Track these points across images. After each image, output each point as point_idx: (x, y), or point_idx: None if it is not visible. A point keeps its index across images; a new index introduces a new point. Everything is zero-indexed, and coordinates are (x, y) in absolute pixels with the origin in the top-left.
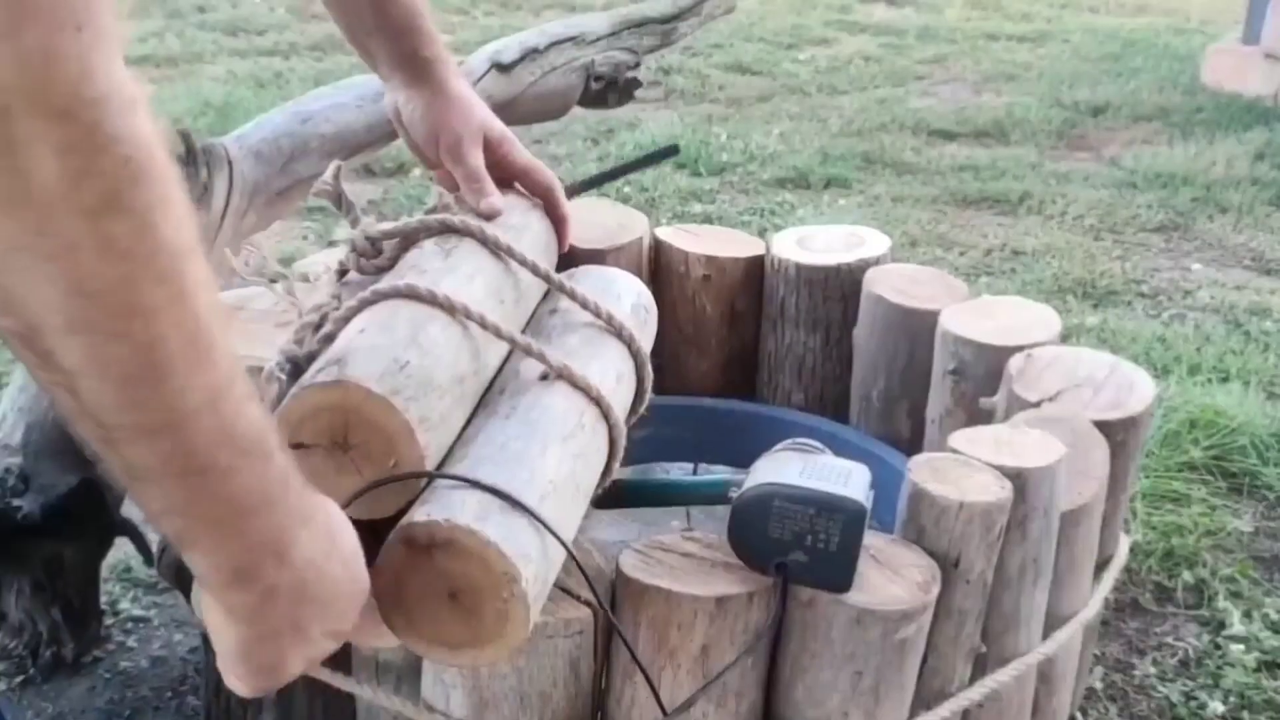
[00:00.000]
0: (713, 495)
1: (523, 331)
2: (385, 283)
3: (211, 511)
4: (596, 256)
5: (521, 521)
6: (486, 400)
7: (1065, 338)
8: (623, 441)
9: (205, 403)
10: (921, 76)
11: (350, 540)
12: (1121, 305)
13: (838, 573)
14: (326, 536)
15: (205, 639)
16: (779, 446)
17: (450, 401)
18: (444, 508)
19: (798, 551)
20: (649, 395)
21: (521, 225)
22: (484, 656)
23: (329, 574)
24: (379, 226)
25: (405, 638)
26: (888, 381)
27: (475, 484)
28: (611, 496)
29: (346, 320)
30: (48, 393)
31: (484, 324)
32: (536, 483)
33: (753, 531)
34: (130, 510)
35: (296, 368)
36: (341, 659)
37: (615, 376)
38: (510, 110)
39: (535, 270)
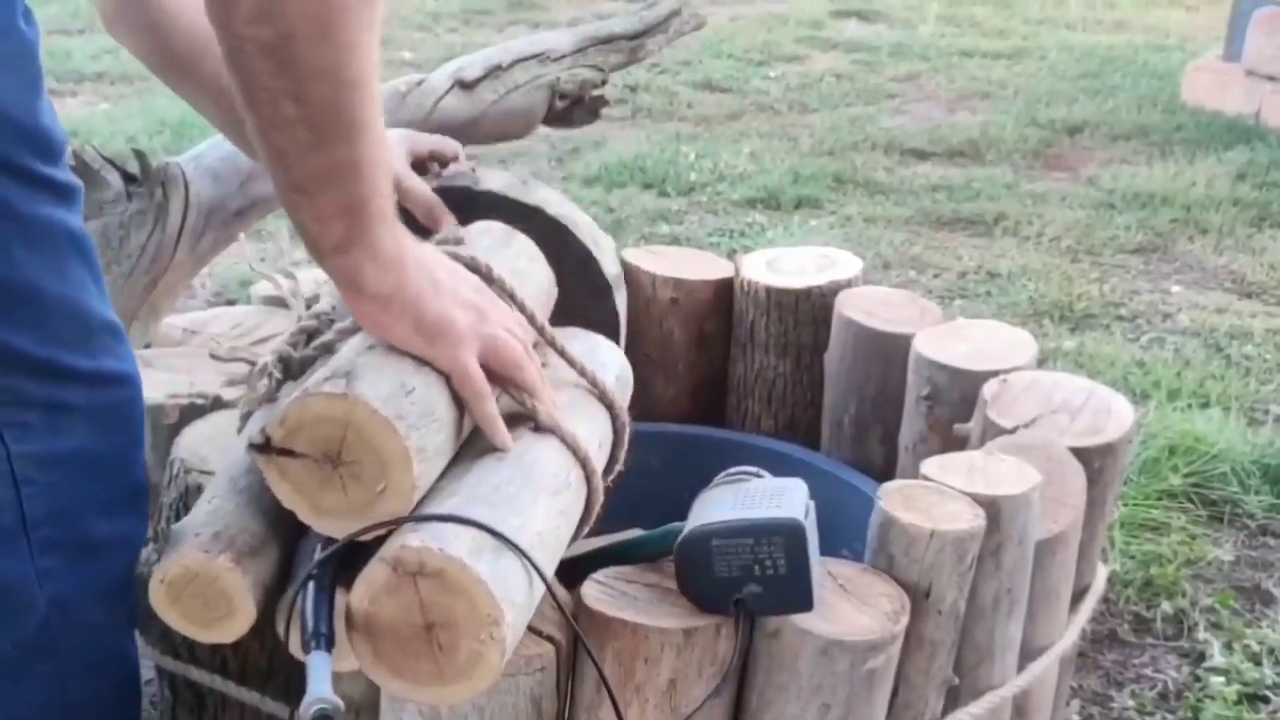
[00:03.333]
0: (668, 546)
1: None
2: None
3: (375, 205)
4: None
5: (512, 565)
6: (473, 439)
7: (1041, 362)
8: (598, 507)
9: (378, 114)
10: (894, 94)
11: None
12: (1099, 329)
13: (796, 594)
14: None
15: (160, 671)
16: (714, 482)
17: (445, 436)
18: (438, 537)
19: (751, 584)
20: (618, 467)
21: (527, 272)
22: (448, 695)
23: (421, 249)
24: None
25: (368, 665)
26: (860, 407)
27: (473, 522)
28: (568, 571)
29: (351, 332)
30: (264, 105)
31: None
32: (527, 531)
33: (700, 576)
34: None
35: (288, 369)
36: (299, 692)
37: (598, 442)
38: (474, 129)
39: (532, 321)
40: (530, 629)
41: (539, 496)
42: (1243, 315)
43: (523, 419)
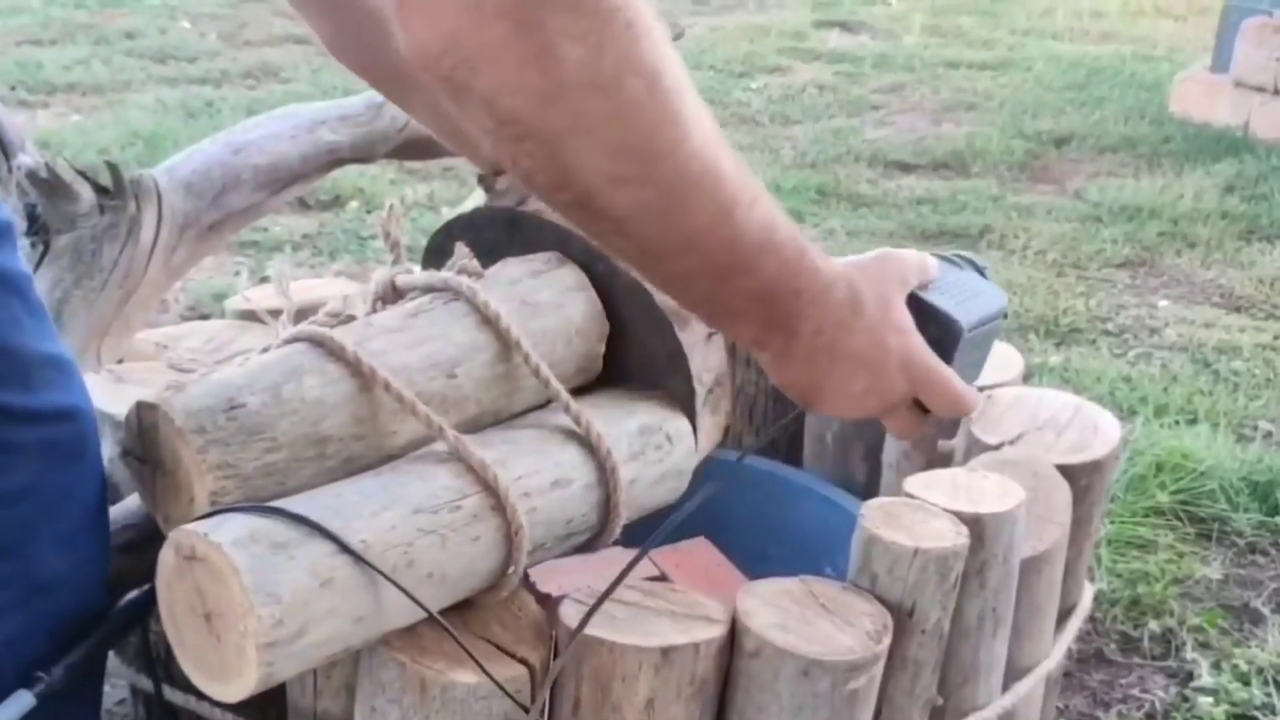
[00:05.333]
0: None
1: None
2: (307, 324)
3: (738, 299)
4: None
5: (291, 562)
6: (381, 469)
7: (1027, 378)
8: (525, 544)
9: (721, 217)
10: (878, 106)
11: (872, 307)
12: (1086, 344)
13: None
14: (848, 306)
15: (133, 690)
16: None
17: (289, 456)
18: (216, 524)
19: None
20: (617, 527)
21: (551, 305)
22: (228, 692)
23: (846, 344)
24: (410, 277)
25: (179, 655)
26: (842, 423)
27: (248, 508)
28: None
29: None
30: (603, 242)
31: (387, 388)
32: (347, 535)
33: None
34: None
35: None
36: (277, 710)
37: (552, 480)
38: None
39: (530, 365)
40: (503, 651)
41: (390, 508)
42: (1231, 330)
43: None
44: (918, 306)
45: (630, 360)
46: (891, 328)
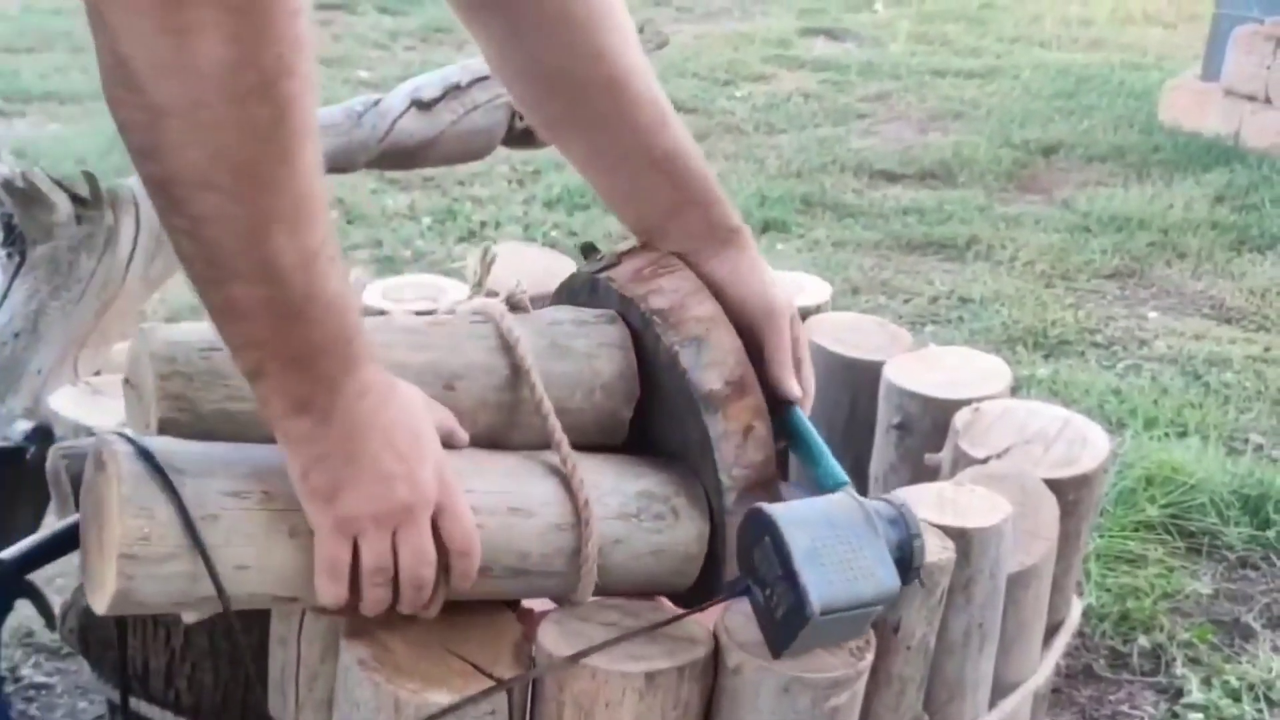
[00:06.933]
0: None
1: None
2: None
3: (288, 350)
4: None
5: (180, 489)
6: None
7: (1015, 390)
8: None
9: (300, 263)
10: (864, 115)
11: (415, 404)
12: (1074, 355)
13: (772, 639)
14: (384, 388)
15: (110, 705)
16: (866, 500)
17: (252, 410)
18: (131, 439)
19: (760, 591)
20: (589, 581)
21: (582, 354)
22: (96, 603)
23: (384, 416)
24: (472, 304)
25: (84, 566)
26: (829, 436)
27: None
28: None
29: None
30: (171, 236)
31: None
32: (235, 488)
33: (746, 541)
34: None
35: None
36: None
37: (510, 505)
38: (432, 150)
39: (534, 396)
40: (480, 670)
41: None
42: (1221, 341)
43: None
44: (786, 567)
45: (666, 439)
46: (427, 425)
